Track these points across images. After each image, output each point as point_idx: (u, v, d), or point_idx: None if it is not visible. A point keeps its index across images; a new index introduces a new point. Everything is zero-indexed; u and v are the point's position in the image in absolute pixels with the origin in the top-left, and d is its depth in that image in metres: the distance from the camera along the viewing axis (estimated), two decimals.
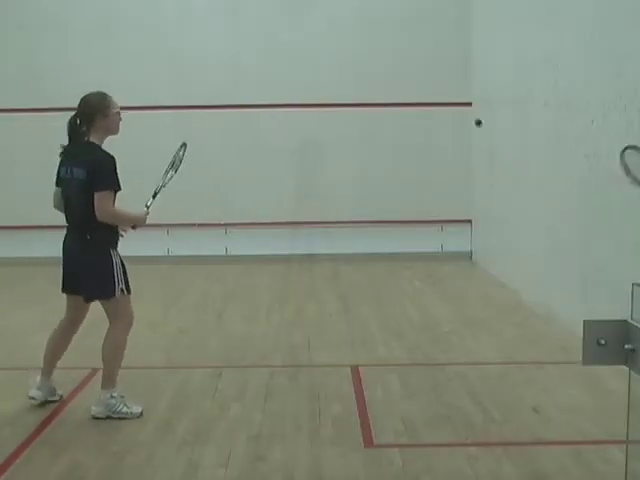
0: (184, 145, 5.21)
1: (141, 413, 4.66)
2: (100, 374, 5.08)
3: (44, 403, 4.83)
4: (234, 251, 10.10)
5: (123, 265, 4.68)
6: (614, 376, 4.84)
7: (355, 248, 10.11)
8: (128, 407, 4.66)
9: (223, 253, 10.08)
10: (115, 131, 4.74)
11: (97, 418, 4.62)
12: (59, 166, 4.76)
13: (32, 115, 9.83)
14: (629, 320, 2.32)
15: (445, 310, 7.43)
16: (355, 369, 5.58)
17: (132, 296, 4.77)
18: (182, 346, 6.29)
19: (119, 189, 4.61)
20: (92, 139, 4.64)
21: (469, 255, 10.18)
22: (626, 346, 2.31)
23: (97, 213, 4.53)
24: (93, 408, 4.67)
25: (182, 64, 9.97)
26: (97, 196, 4.52)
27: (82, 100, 4.68)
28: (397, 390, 5.14)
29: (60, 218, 4.79)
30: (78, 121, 4.62)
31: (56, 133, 4.83)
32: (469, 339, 6.39)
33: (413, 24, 10.00)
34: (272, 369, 5.61)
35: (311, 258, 10.07)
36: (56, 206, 4.82)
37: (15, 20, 9.96)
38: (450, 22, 9.98)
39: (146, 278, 8.22)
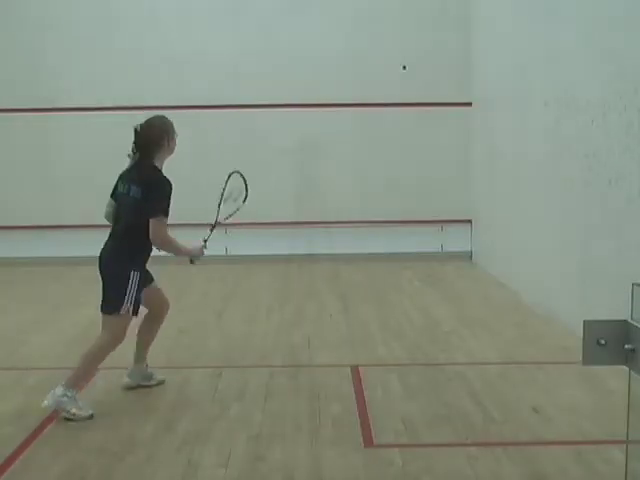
0: (240, 174, 5.34)
1: (91, 416, 4.58)
2: (100, 374, 5.11)
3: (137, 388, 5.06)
4: (234, 251, 10.10)
5: (140, 287, 4.68)
6: (614, 376, 4.84)
7: (355, 248, 10.12)
8: (79, 408, 4.57)
9: (223, 253, 10.08)
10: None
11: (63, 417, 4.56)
12: (117, 180, 4.83)
13: (32, 115, 9.83)
14: (629, 320, 2.32)
15: (445, 310, 7.43)
16: (355, 369, 5.57)
17: None
18: (182, 346, 6.29)
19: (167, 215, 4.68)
20: (156, 162, 4.74)
21: (469, 255, 10.19)
22: (626, 346, 2.31)
23: (152, 238, 4.60)
24: (45, 402, 4.56)
25: (182, 64, 9.98)
26: (152, 222, 4.59)
27: (151, 125, 4.75)
28: (397, 390, 5.13)
29: (59, 218, 4.79)
30: (145, 143, 4.69)
31: (56, 133, 4.84)
32: (469, 339, 6.38)
33: (413, 24, 10.02)
34: (272, 369, 5.61)
35: (311, 258, 10.08)
36: (106, 216, 4.88)
37: (16, 20, 9.97)
38: (450, 22, 9.99)
39: None
